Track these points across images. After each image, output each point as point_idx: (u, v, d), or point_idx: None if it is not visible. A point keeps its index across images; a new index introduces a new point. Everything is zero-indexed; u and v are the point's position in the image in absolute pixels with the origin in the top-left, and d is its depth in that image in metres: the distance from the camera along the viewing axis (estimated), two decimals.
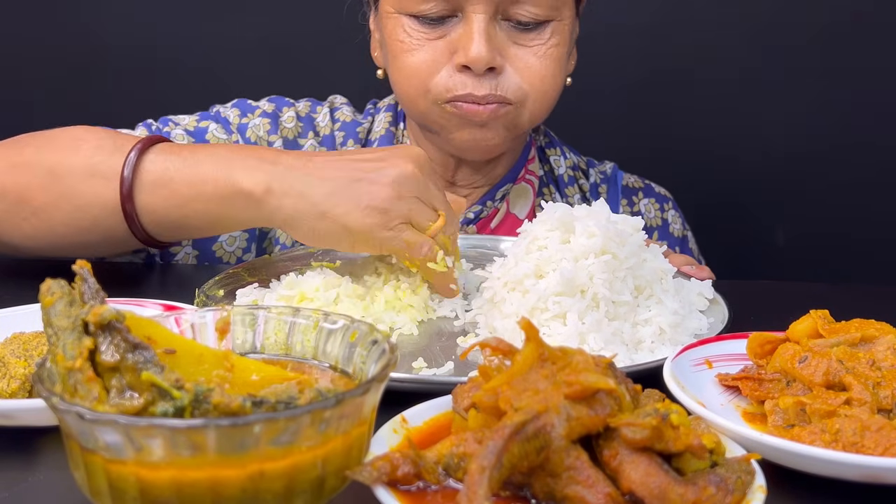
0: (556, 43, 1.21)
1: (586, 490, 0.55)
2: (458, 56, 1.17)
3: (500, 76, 1.18)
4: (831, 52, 1.94)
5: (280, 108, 1.38)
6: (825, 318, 0.80)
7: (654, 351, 0.90)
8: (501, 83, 1.18)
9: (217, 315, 0.69)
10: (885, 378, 0.72)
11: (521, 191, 1.39)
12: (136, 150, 1.01)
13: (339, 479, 0.57)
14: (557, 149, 1.46)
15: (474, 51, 1.14)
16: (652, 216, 1.46)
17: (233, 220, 1.01)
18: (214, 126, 1.32)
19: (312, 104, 1.42)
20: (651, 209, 1.47)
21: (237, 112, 1.36)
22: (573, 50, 1.33)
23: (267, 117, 1.35)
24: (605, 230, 0.92)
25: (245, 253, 1.32)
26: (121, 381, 0.56)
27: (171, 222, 1.03)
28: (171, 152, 1.02)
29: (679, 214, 1.50)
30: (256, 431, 0.51)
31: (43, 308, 0.58)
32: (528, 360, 0.60)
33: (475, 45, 1.14)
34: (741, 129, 2.02)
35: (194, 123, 1.32)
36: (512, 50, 1.19)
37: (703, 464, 0.58)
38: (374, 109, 1.43)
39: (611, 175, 1.48)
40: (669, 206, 1.49)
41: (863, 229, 2.00)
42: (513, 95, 1.19)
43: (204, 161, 1.00)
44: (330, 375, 0.66)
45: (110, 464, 0.52)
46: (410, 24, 1.20)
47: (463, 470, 0.58)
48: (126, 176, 1.00)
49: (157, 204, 1.01)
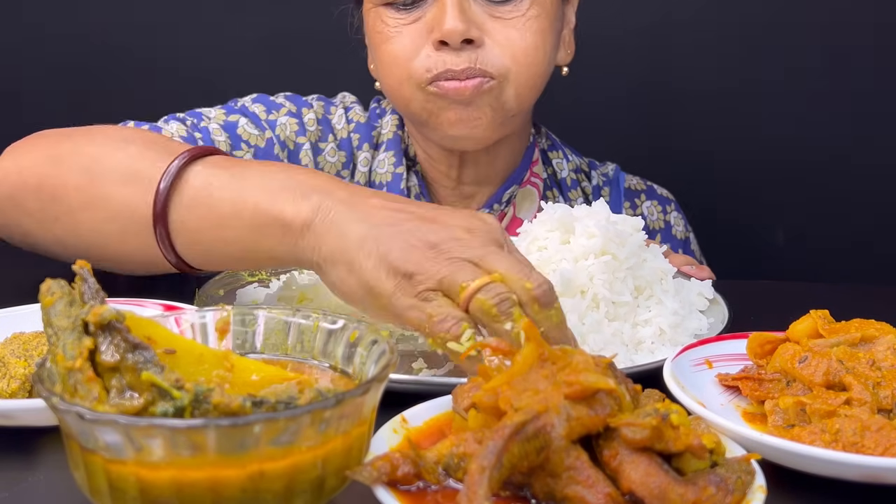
0: (535, 15, 1.19)
1: (586, 490, 0.55)
2: (434, 33, 1.16)
3: (479, 50, 1.16)
4: (832, 52, 1.94)
5: (300, 108, 1.37)
6: (825, 318, 0.80)
7: (654, 351, 0.90)
8: (482, 57, 1.16)
9: (217, 315, 0.69)
10: (885, 378, 0.72)
11: (526, 194, 1.39)
12: (181, 158, 0.90)
13: (339, 479, 0.57)
14: (559, 151, 1.46)
15: (448, 23, 1.13)
16: (654, 218, 1.46)
17: (267, 254, 0.87)
18: (244, 121, 1.30)
19: (325, 104, 1.40)
20: (654, 211, 1.46)
21: (262, 107, 1.33)
22: (569, 39, 1.32)
23: (293, 117, 1.34)
24: (604, 230, 0.92)
25: None
26: (121, 381, 0.56)
27: (203, 246, 0.90)
28: (220, 166, 0.90)
29: (682, 216, 1.49)
30: (256, 431, 0.51)
31: (43, 308, 0.58)
32: (528, 360, 0.60)
33: (448, 17, 1.14)
34: (741, 129, 2.02)
35: (223, 117, 1.30)
36: (489, 24, 1.17)
37: (703, 464, 0.58)
38: (380, 110, 1.42)
39: (613, 177, 1.48)
40: (672, 209, 1.49)
41: (863, 229, 2.00)
42: (494, 69, 1.17)
43: (251, 177, 0.87)
44: (330, 375, 0.66)
45: (110, 464, 0.52)
46: (387, 13, 1.21)
47: (463, 470, 0.58)
48: (163, 188, 0.89)
49: (191, 223, 0.89)
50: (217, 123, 1.28)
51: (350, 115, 1.39)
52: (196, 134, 1.25)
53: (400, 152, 1.36)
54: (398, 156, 1.35)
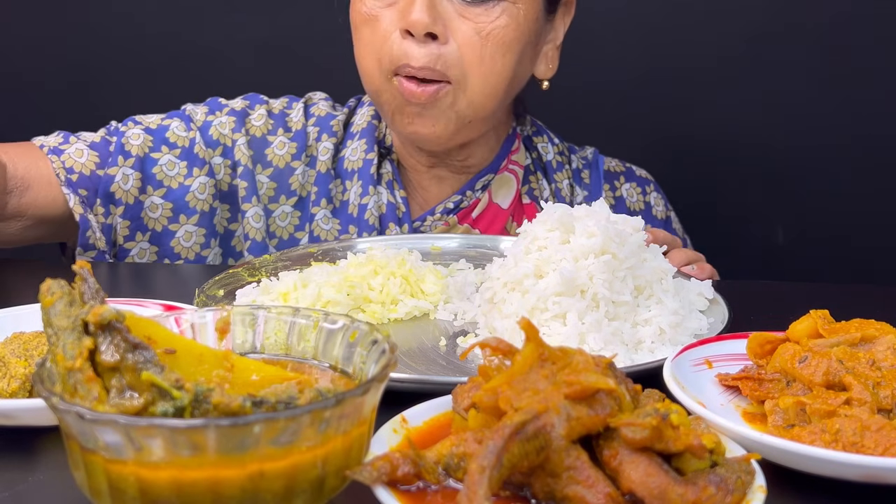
0: (504, 25, 1.19)
1: (586, 490, 0.55)
2: (402, 21, 1.18)
3: (442, 47, 1.18)
4: (833, 52, 1.94)
5: (253, 105, 1.41)
6: (825, 318, 0.80)
7: (654, 351, 0.90)
8: (443, 55, 1.18)
9: (217, 315, 0.69)
10: (885, 378, 0.72)
11: (503, 181, 1.40)
12: None
13: (339, 479, 0.57)
14: (544, 136, 1.48)
15: (415, 13, 1.16)
16: (634, 200, 1.48)
17: None
18: (177, 123, 1.35)
19: (290, 100, 1.44)
20: (633, 193, 1.48)
21: (205, 110, 1.38)
22: (552, 55, 1.33)
23: (234, 115, 1.37)
24: (604, 230, 0.92)
25: (203, 248, 1.34)
26: (121, 381, 0.56)
27: None
28: None
29: (661, 196, 1.51)
30: (256, 431, 0.51)
31: (43, 308, 0.58)
32: (528, 360, 0.60)
33: (416, 8, 1.16)
34: (741, 129, 2.02)
35: (158, 122, 1.36)
36: (457, 23, 1.19)
37: (703, 464, 0.58)
38: (356, 103, 1.45)
39: (592, 160, 1.50)
40: (651, 189, 1.50)
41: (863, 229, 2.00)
42: (451, 72, 1.19)
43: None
44: (330, 375, 0.66)
45: (110, 464, 0.52)
46: None
47: (463, 470, 0.58)
48: None
49: None
50: (142, 129, 1.33)
51: (312, 109, 1.42)
52: (111, 138, 1.33)
53: (373, 140, 1.38)
54: (370, 143, 1.38)
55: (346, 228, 1.35)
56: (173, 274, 1.27)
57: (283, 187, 1.36)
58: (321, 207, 1.35)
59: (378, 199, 1.35)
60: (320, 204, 1.35)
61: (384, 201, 1.35)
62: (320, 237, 1.35)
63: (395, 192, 1.36)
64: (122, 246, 1.31)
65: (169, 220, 1.32)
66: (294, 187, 1.36)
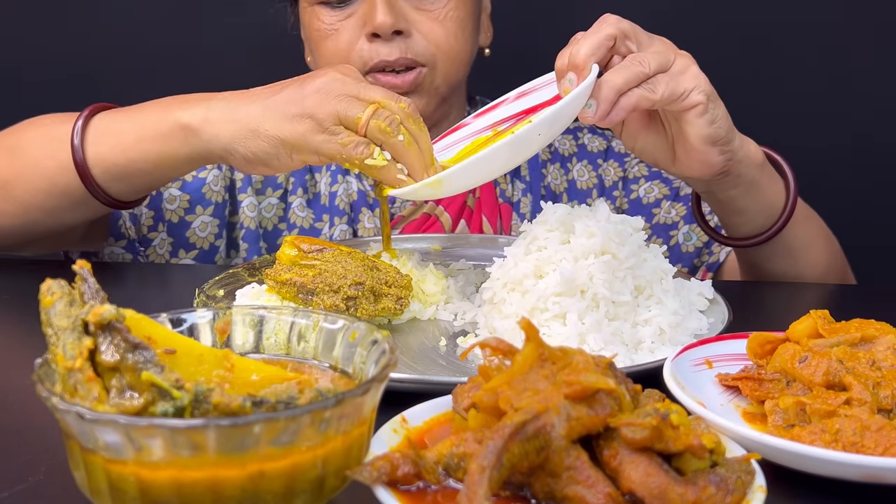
0: (454, 7, 1.33)
1: (586, 490, 0.55)
2: (367, 27, 1.29)
3: (408, 39, 1.30)
4: (833, 51, 1.94)
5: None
6: (825, 318, 0.80)
7: (654, 351, 0.90)
8: (411, 46, 1.30)
9: (217, 315, 0.69)
10: (885, 378, 0.72)
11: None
12: (88, 111, 1.13)
13: (339, 479, 0.57)
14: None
15: (379, 17, 1.27)
16: (586, 179, 1.51)
17: (174, 157, 1.08)
18: None
19: None
20: (584, 172, 1.51)
21: None
22: (487, 24, 1.47)
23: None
24: (604, 230, 0.92)
25: (217, 238, 1.38)
26: (121, 381, 0.56)
27: (118, 169, 1.10)
28: (119, 110, 1.15)
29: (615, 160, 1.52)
30: (256, 431, 0.51)
31: (43, 308, 0.58)
32: (528, 360, 0.60)
33: (378, 12, 1.27)
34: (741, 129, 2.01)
35: None
36: (414, 16, 1.31)
37: (703, 464, 0.58)
38: None
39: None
40: (602, 161, 1.51)
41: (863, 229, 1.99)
42: (422, 57, 1.31)
43: (147, 108, 1.11)
44: (330, 375, 0.66)
45: (110, 464, 0.52)
46: (322, 11, 1.33)
47: (463, 470, 0.58)
48: (77, 130, 1.10)
49: (104, 152, 1.10)
50: None
51: None
52: None
53: None
54: None
55: (319, 216, 1.42)
56: (173, 274, 1.28)
57: (270, 179, 1.43)
58: (297, 196, 1.43)
59: (347, 188, 1.43)
60: (297, 193, 1.43)
61: (353, 189, 1.43)
62: (296, 224, 1.41)
63: (363, 181, 1.44)
64: (146, 236, 1.35)
65: (185, 212, 1.37)
66: (280, 180, 1.44)
